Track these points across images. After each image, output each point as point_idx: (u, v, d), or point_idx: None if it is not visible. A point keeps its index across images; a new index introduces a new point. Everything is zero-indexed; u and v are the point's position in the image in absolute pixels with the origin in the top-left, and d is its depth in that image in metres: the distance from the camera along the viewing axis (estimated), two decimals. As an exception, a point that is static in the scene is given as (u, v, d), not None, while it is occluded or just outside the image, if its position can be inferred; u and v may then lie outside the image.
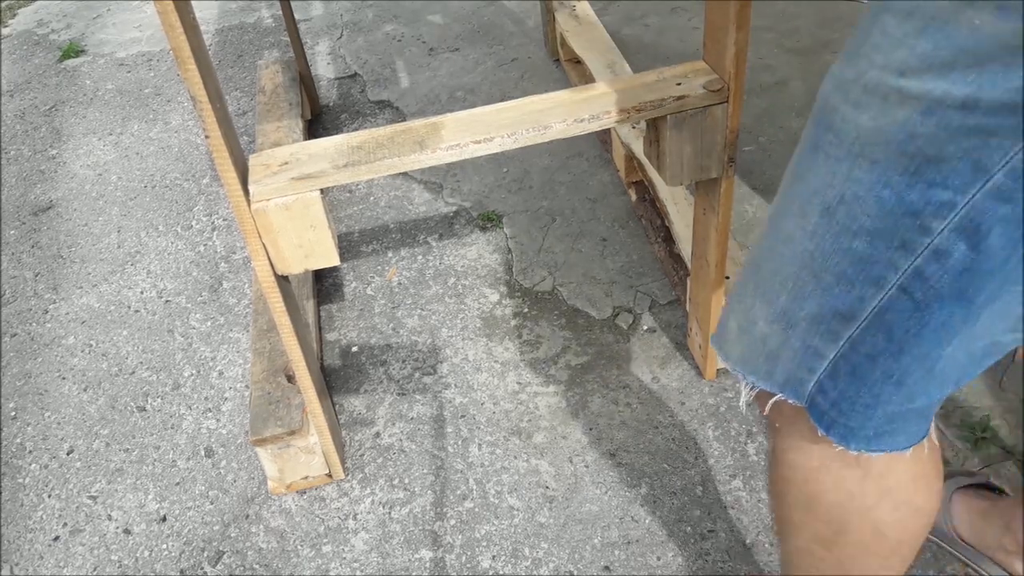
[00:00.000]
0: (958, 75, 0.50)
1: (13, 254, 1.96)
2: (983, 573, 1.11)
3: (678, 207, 1.58)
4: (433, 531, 1.30)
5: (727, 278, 1.43)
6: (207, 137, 0.95)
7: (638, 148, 1.69)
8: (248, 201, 1.02)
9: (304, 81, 2.12)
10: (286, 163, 1.05)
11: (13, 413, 1.59)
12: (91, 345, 1.70)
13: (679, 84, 1.09)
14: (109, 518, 1.38)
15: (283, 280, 1.13)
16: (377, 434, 1.45)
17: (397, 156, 1.05)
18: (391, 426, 1.46)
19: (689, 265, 1.43)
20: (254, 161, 1.07)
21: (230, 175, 0.99)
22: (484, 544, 1.27)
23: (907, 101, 0.53)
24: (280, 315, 1.13)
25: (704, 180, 1.18)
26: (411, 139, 1.07)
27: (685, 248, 1.49)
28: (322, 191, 1.05)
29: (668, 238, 1.67)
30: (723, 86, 1.08)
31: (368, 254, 1.81)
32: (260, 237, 1.05)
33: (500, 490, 1.34)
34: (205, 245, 1.90)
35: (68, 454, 1.49)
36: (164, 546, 1.34)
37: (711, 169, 1.15)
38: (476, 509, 1.32)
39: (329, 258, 1.10)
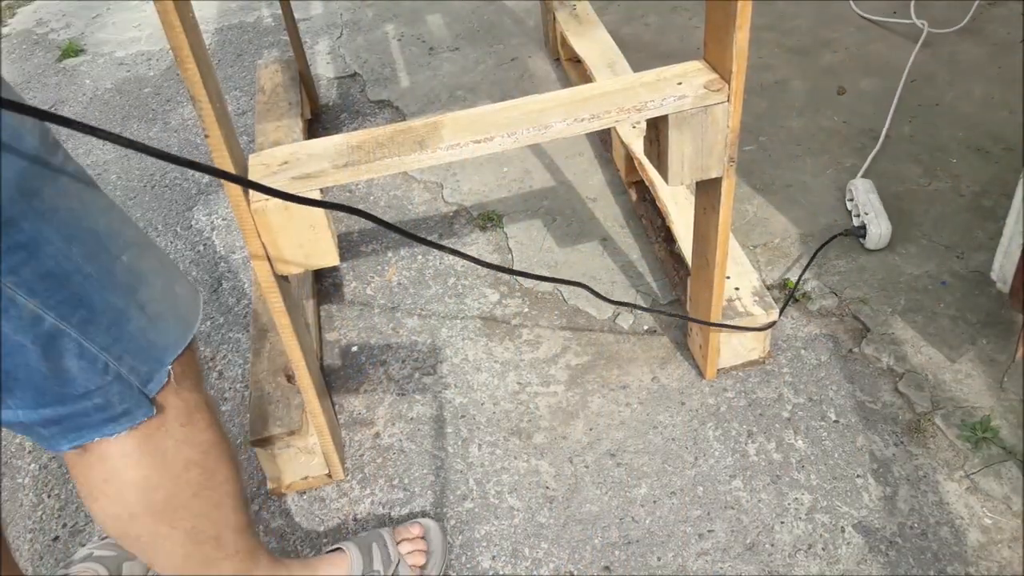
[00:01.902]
0: None
1: (12, 254, 1.96)
2: None
3: (678, 207, 1.58)
4: (433, 531, 1.30)
5: (728, 278, 1.43)
6: (207, 136, 0.95)
7: (638, 148, 1.69)
8: (248, 201, 1.02)
9: (304, 80, 2.12)
10: (286, 163, 1.05)
11: (12, 413, 1.58)
12: (90, 345, 1.69)
13: (679, 84, 1.09)
14: (108, 518, 1.38)
15: (283, 280, 1.13)
16: (377, 434, 1.44)
17: (397, 156, 1.05)
18: (391, 426, 1.45)
19: (689, 265, 1.42)
20: (254, 161, 1.06)
21: (230, 175, 0.99)
22: (484, 544, 1.27)
23: None
24: (280, 315, 1.13)
25: (704, 180, 1.18)
26: (411, 139, 1.07)
27: (685, 248, 1.49)
28: (322, 191, 1.05)
29: (668, 238, 1.66)
30: (724, 86, 1.07)
31: (368, 254, 1.81)
32: (260, 237, 1.05)
33: (500, 490, 1.34)
34: (205, 245, 1.90)
35: (67, 454, 1.49)
36: (163, 546, 1.33)
37: (712, 169, 1.15)
38: (476, 509, 1.32)
39: (329, 258, 1.10)
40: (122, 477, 0.89)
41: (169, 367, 0.87)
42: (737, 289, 1.43)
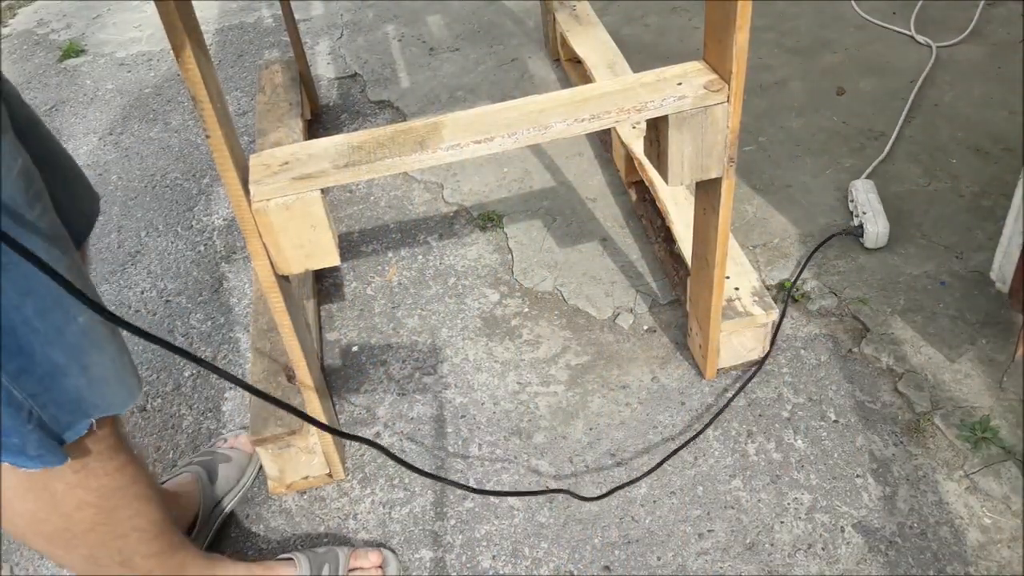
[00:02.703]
0: None
1: (13, 254, 1.96)
2: None
3: (678, 207, 1.58)
4: (433, 531, 1.30)
5: (727, 278, 1.43)
6: (207, 137, 0.95)
7: (638, 148, 1.69)
8: (248, 201, 1.02)
9: (304, 81, 2.12)
10: (286, 163, 1.06)
11: (13, 413, 1.58)
12: (91, 345, 1.70)
13: (679, 84, 1.09)
14: (109, 518, 1.38)
15: (283, 280, 1.13)
16: (377, 434, 1.45)
17: (397, 156, 1.05)
18: (391, 426, 1.46)
19: (689, 265, 1.43)
20: (254, 161, 1.07)
21: (230, 175, 0.99)
22: (484, 544, 1.27)
23: None
24: (280, 315, 1.13)
25: (704, 180, 1.18)
26: (411, 139, 1.07)
27: (685, 248, 1.50)
28: (322, 191, 1.05)
29: (668, 238, 1.67)
30: (723, 86, 1.08)
31: (368, 254, 1.81)
32: (260, 237, 1.05)
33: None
34: (205, 245, 1.90)
35: (68, 454, 1.49)
36: (164, 546, 1.34)
37: (711, 169, 1.15)
38: (476, 509, 1.32)
39: (329, 258, 1.10)
40: (12, 507, 0.90)
41: (92, 421, 0.87)
42: (737, 289, 1.43)
